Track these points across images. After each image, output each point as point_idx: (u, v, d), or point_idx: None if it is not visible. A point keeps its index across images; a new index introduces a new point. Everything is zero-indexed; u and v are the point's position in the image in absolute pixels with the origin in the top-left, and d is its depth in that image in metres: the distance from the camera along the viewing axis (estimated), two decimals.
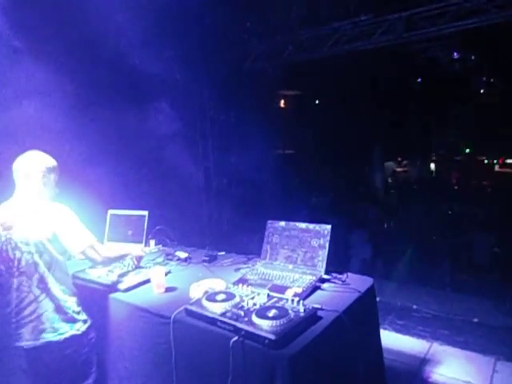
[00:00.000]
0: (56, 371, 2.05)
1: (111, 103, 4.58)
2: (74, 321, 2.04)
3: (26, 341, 1.96)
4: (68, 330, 2.00)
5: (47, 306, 1.98)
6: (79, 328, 2.05)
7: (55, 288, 2.00)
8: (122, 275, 2.48)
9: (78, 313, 2.08)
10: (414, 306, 4.24)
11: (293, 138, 10.76)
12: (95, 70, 4.40)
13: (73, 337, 2.01)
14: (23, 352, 2.01)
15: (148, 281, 2.38)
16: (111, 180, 4.38)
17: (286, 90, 10.58)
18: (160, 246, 3.22)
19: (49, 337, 1.96)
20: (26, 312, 1.96)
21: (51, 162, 2.16)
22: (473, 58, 8.70)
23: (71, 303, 2.06)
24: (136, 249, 2.65)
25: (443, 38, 6.26)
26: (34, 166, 2.07)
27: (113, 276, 2.44)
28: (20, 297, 1.96)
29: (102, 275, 2.46)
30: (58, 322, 1.99)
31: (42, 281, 1.97)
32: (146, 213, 3.13)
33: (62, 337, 1.98)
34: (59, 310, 2.00)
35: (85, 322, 2.10)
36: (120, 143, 4.73)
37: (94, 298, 2.33)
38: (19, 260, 1.96)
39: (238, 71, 6.17)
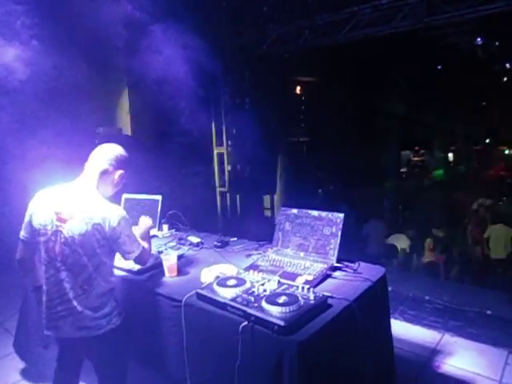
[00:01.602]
0: (96, 362, 2.05)
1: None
2: (110, 316, 1.97)
3: (64, 332, 1.93)
4: (105, 326, 1.94)
5: (87, 305, 1.90)
6: (116, 321, 1.99)
7: (99, 288, 1.91)
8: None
9: (115, 307, 2.01)
10: (427, 297, 4.20)
11: (308, 126, 10.65)
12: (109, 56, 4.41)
13: (109, 331, 1.95)
14: (61, 341, 2.04)
15: (160, 264, 2.41)
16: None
17: (301, 77, 10.43)
18: (173, 230, 3.25)
19: (86, 333, 1.91)
20: (64, 307, 1.90)
21: (127, 159, 2.08)
22: (496, 44, 8.40)
23: (110, 300, 1.98)
24: (144, 222, 2.37)
25: (465, 23, 6.06)
26: (108, 160, 1.99)
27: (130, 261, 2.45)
28: (60, 291, 1.89)
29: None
30: (96, 319, 1.92)
31: (87, 282, 1.89)
32: (159, 197, 3.17)
33: (101, 332, 1.92)
34: (99, 308, 1.92)
35: (120, 314, 2.03)
36: (135, 128, 4.76)
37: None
38: (66, 256, 1.86)
39: (253, 56, 6.10)
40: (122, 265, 2.41)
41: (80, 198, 1.91)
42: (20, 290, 2.99)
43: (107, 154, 2.02)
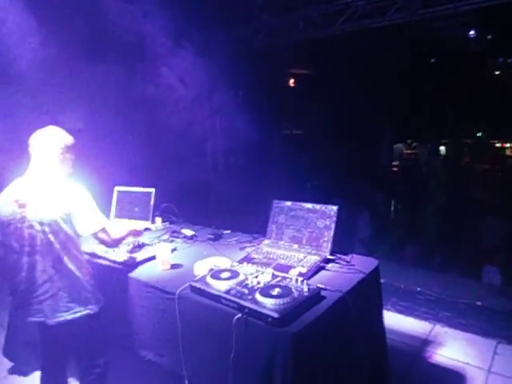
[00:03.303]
0: (69, 348, 2.10)
1: (122, 79, 4.54)
2: (87, 300, 2.02)
3: (41, 317, 1.97)
4: (82, 310, 1.99)
5: (61, 286, 1.96)
6: (93, 307, 2.04)
7: (70, 267, 1.97)
8: (130, 252, 2.52)
9: (93, 292, 2.06)
10: (418, 289, 4.25)
11: (301, 119, 10.63)
12: (108, 48, 4.35)
13: (86, 316, 2.01)
14: (38, 327, 2.07)
15: (153, 257, 2.41)
16: (118, 157, 4.39)
17: (295, 69, 10.39)
18: (166, 223, 3.24)
19: (63, 316, 1.96)
20: (40, 291, 1.94)
21: (70, 139, 2.12)
22: (489, 37, 8.42)
23: (85, 283, 2.03)
24: (134, 225, 2.58)
25: (459, 15, 6.06)
26: (52, 143, 2.03)
27: (123, 254, 2.46)
28: (34, 276, 1.94)
29: (108, 251, 2.48)
30: (71, 301, 1.97)
31: (56, 260, 1.94)
32: (152, 190, 3.15)
33: (77, 315, 1.98)
34: (73, 289, 1.98)
35: (98, 301, 2.08)
36: (128, 121, 4.72)
37: (103, 276, 2.36)
38: (34, 238, 1.92)
39: (247, 48, 6.05)
40: (115, 257, 2.41)
41: (36, 181, 1.98)
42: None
43: (51, 137, 2.05)
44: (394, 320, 3.62)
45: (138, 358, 2.26)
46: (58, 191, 1.96)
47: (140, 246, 2.63)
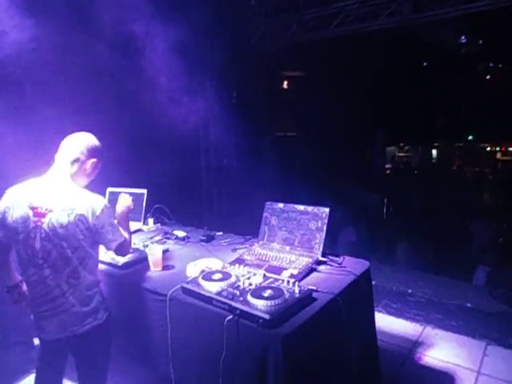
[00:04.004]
0: (79, 358, 2.00)
1: (111, 78, 4.52)
2: (97, 311, 1.92)
3: (48, 333, 1.87)
4: (92, 322, 1.89)
5: (74, 301, 1.83)
6: (101, 317, 1.94)
7: (85, 282, 1.85)
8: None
9: (101, 302, 1.96)
10: (409, 290, 4.28)
11: (294, 121, 10.66)
12: (97, 46, 4.33)
13: (96, 326, 1.91)
14: (45, 342, 1.96)
15: (145, 258, 2.40)
16: (111, 158, 4.35)
17: (289, 71, 10.44)
18: (158, 224, 3.24)
19: (73, 330, 1.86)
20: (50, 306, 1.83)
21: (99, 148, 2.01)
22: (480, 42, 8.54)
23: (97, 293, 1.93)
24: (123, 200, 2.27)
25: (451, 21, 6.13)
26: (80, 149, 1.91)
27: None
28: (44, 290, 1.81)
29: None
30: (83, 315, 1.87)
31: (72, 276, 1.81)
32: (144, 191, 3.14)
33: (86, 328, 1.87)
34: (86, 303, 1.87)
35: (106, 309, 1.98)
36: (119, 121, 4.69)
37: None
38: (49, 252, 1.77)
39: (241, 50, 6.07)
40: (107, 259, 2.39)
41: (56, 189, 1.83)
42: None
43: (78, 143, 1.94)
44: (385, 321, 3.64)
45: (126, 359, 2.24)
46: (81, 204, 1.80)
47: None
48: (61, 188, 1.84)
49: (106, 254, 2.43)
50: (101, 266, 2.35)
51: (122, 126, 4.72)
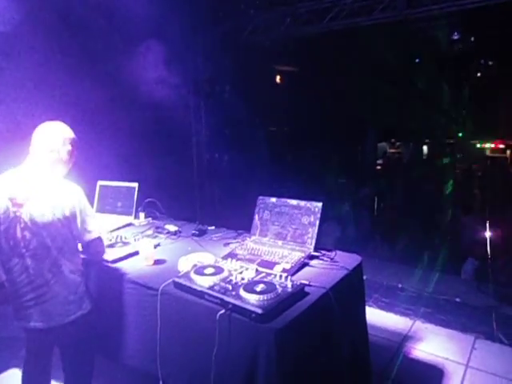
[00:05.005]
0: (64, 349, 2.04)
1: (105, 74, 4.45)
2: (82, 301, 1.97)
3: (35, 321, 1.89)
4: (77, 311, 1.94)
5: (58, 290, 1.88)
6: (86, 307, 1.99)
7: (67, 271, 1.89)
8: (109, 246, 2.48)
9: (85, 292, 2.01)
10: (400, 285, 4.32)
11: (287, 116, 10.63)
12: (89, 40, 4.25)
13: (81, 316, 1.96)
14: (31, 332, 1.98)
15: (137, 253, 2.38)
16: (102, 151, 4.30)
17: (282, 66, 10.39)
18: (150, 218, 3.20)
19: (59, 319, 1.90)
20: (34, 295, 1.86)
21: (69, 134, 2.02)
22: (472, 39, 8.59)
23: (80, 283, 1.97)
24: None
25: (444, 17, 6.15)
26: (56, 138, 1.94)
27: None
28: (29, 279, 1.85)
29: None
30: (68, 304, 1.91)
31: (54, 264, 1.85)
32: (135, 185, 3.11)
33: (71, 318, 1.92)
34: (70, 292, 1.91)
35: (90, 299, 2.03)
36: (112, 115, 4.63)
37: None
38: (29, 241, 1.82)
39: (234, 44, 6.01)
40: None
41: (33, 179, 1.86)
42: None
43: (52, 133, 1.96)
44: (376, 316, 3.67)
45: (114, 355, 2.22)
46: (58, 192, 1.85)
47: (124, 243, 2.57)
48: (38, 178, 1.87)
49: None
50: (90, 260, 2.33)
51: (113, 120, 4.66)
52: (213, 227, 2.99)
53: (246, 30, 5.68)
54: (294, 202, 2.48)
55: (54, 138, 1.94)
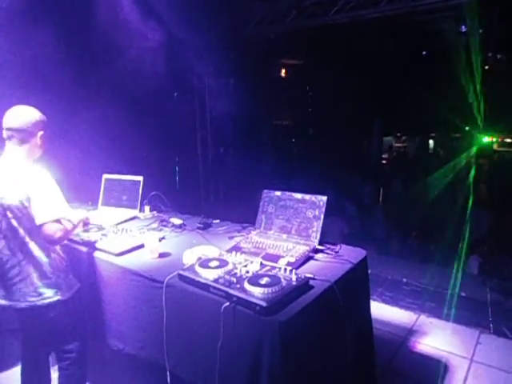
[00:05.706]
0: (41, 333, 2.08)
1: (109, 68, 4.45)
2: (58, 286, 1.99)
3: (12, 301, 1.96)
4: (52, 296, 1.97)
5: (30, 271, 1.94)
6: (64, 293, 2.01)
7: (37, 253, 1.94)
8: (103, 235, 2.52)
9: (64, 278, 2.03)
10: (404, 279, 4.32)
11: (292, 109, 10.59)
12: (91, 33, 4.25)
13: (58, 302, 1.99)
14: (15, 313, 2.04)
15: (142, 246, 2.39)
16: (107, 145, 4.32)
17: (287, 59, 10.33)
18: (155, 212, 3.21)
19: (33, 300, 1.95)
20: (10, 275, 1.94)
21: (39, 117, 2.00)
22: (480, 31, 8.46)
23: (55, 268, 1.99)
24: (80, 213, 2.28)
25: (451, 9, 6.07)
26: (23, 121, 1.93)
27: (95, 235, 2.47)
28: (2, 259, 1.93)
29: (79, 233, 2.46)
30: (41, 287, 1.95)
31: (23, 246, 1.91)
32: (140, 178, 3.11)
33: (46, 301, 1.96)
34: (42, 275, 1.95)
35: (71, 287, 2.06)
36: (117, 108, 4.64)
37: (81, 260, 2.36)
38: (0, 223, 1.90)
39: (239, 37, 5.98)
40: (103, 246, 2.38)
41: (1, 164, 1.92)
42: None
43: (23, 118, 1.95)
44: (380, 310, 3.67)
45: (114, 350, 2.25)
46: (20, 174, 1.88)
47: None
48: (3, 160, 1.92)
49: (101, 241, 2.43)
50: (97, 254, 2.35)
51: (119, 113, 4.67)
52: (217, 220, 2.99)
53: (251, 23, 5.64)
54: (298, 195, 2.47)
55: (22, 121, 1.94)
